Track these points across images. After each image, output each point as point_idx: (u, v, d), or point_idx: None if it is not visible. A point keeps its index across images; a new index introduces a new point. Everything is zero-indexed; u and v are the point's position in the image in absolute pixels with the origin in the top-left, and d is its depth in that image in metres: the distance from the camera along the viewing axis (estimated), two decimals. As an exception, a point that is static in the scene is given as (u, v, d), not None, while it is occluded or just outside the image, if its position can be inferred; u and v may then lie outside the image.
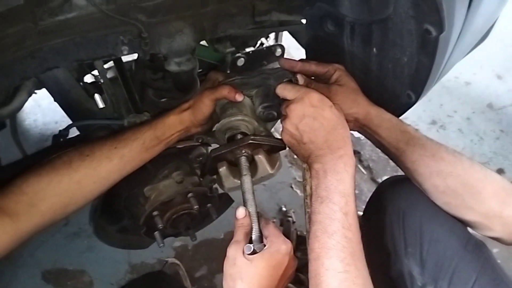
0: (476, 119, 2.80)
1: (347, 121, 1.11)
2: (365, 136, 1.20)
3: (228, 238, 0.93)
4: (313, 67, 1.18)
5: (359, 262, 0.88)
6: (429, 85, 1.08)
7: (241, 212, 1.01)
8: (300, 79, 1.13)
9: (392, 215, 1.17)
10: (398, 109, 1.18)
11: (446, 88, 2.93)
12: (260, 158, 1.10)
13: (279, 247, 0.94)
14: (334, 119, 0.98)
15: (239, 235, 0.98)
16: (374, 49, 1.12)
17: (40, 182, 0.97)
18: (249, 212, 1.02)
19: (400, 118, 1.17)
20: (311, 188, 1.00)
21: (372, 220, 1.23)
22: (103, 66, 1.26)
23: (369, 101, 1.15)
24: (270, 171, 1.12)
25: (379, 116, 1.12)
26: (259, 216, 1.03)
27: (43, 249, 2.01)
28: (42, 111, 2.65)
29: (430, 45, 0.95)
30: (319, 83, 1.17)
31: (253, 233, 1.00)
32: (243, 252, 0.93)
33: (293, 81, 1.14)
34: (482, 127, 2.75)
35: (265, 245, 0.96)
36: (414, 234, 1.11)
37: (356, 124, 1.16)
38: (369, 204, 1.33)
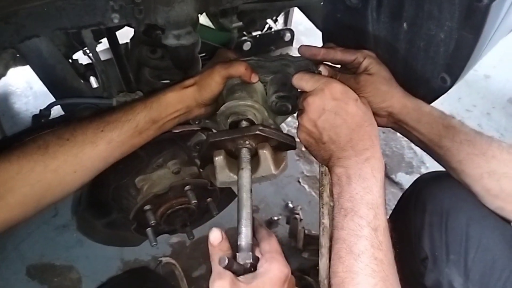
0: (496, 114, 2.74)
1: (379, 116, 1.02)
2: (401, 133, 1.08)
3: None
4: (338, 54, 1.05)
5: None
6: (469, 66, 0.98)
7: (215, 235, 0.77)
8: (324, 70, 1.01)
9: (433, 216, 1.05)
10: (428, 95, 1.07)
11: (465, 81, 2.80)
12: (265, 153, 0.96)
13: (281, 270, 0.74)
14: (359, 114, 0.87)
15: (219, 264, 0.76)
16: (404, 25, 1.02)
17: (9, 169, 0.84)
18: (242, 215, 0.83)
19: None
20: (329, 196, 0.89)
21: (406, 220, 1.12)
22: (92, 38, 1.11)
23: (405, 92, 1.03)
24: (274, 171, 0.98)
25: (417, 109, 1.00)
26: (254, 220, 0.86)
27: (29, 242, 1.90)
28: (33, 93, 2.57)
29: (478, 16, 0.84)
30: (345, 73, 1.06)
31: (242, 239, 0.80)
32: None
33: (315, 73, 1.01)
34: (503, 123, 2.68)
35: (254, 257, 0.77)
36: (459, 239, 0.99)
37: (390, 119, 1.04)
38: (403, 201, 1.21)
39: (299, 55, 1.09)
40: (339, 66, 1.09)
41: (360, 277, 0.75)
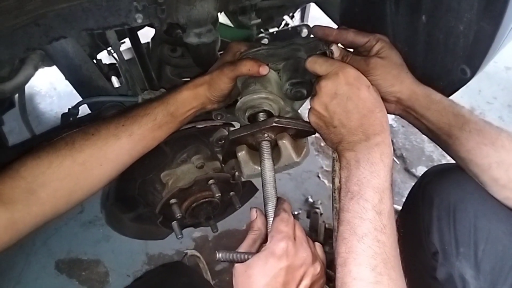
0: (517, 107, 2.70)
1: (388, 102, 1.01)
2: (409, 121, 1.07)
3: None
4: (351, 35, 1.04)
5: (394, 271, 0.76)
6: (489, 57, 0.96)
7: (252, 213, 0.92)
8: (336, 50, 1.00)
9: (441, 209, 1.03)
10: (448, 87, 1.05)
11: (485, 73, 2.79)
12: (285, 143, 0.98)
13: (274, 247, 0.80)
14: (371, 100, 0.86)
15: (246, 244, 0.87)
16: (423, 17, 1.01)
17: (39, 165, 0.87)
18: (268, 208, 0.90)
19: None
20: (340, 181, 0.88)
21: (415, 215, 1.11)
22: (116, 39, 1.14)
23: (415, 79, 1.01)
24: (296, 159, 0.99)
25: (427, 97, 0.98)
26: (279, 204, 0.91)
27: (57, 238, 1.96)
28: (57, 94, 2.62)
29: (497, 7, 0.82)
30: (357, 55, 1.04)
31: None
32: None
33: (327, 54, 1.01)
34: (525, 115, 2.64)
35: None
36: (467, 232, 0.98)
37: (399, 106, 1.02)
38: (412, 196, 1.19)
39: (310, 36, 1.08)
40: (352, 50, 1.08)
41: (361, 258, 0.76)
